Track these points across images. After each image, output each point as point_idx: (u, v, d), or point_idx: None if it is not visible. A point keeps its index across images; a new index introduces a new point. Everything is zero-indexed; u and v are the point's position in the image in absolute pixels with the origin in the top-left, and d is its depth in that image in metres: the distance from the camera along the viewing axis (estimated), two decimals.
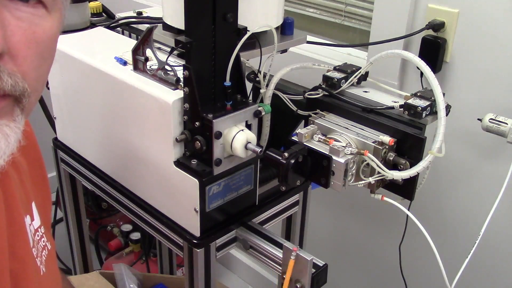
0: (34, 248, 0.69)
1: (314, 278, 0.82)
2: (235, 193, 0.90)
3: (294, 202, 1.06)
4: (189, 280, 0.93)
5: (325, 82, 0.93)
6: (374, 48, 1.24)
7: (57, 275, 0.79)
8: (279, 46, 0.95)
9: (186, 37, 0.78)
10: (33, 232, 0.71)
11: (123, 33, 1.15)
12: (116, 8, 1.29)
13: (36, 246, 0.71)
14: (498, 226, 1.19)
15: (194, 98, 0.79)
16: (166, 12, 0.98)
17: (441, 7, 1.14)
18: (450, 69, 1.18)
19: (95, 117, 1.02)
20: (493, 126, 1.01)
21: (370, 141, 0.83)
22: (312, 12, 1.52)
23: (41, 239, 0.73)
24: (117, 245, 1.93)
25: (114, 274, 1.52)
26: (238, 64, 0.84)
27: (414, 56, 0.85)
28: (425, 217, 0.90)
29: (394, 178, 0.81)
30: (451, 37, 1.15)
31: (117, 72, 0.92)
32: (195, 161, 0.83)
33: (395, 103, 0.87)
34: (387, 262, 1.47)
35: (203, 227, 0.87)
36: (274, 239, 0.91)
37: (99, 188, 1.09)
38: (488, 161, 1.20)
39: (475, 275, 1.30)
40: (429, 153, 0.80)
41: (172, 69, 0.85)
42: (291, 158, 0.79)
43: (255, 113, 0.84)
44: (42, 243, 0.73)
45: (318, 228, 1.62)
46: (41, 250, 0.72)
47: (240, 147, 0.80)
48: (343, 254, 1.64)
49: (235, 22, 0.82)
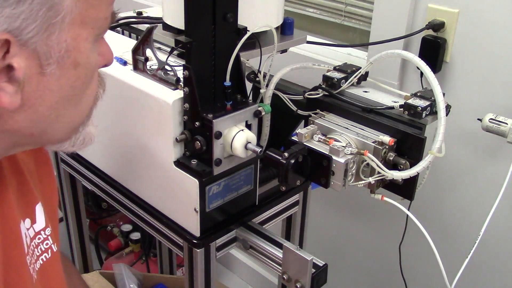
0: (28, 256, 0.69)
1: (314, 278, 0.82)
2: (235, 193, 0.90)
3: (294, 202, 1.06)
4: (189, 280, 0.93)
5: (325, 82, 0.93)
6: (374, 48, 1.24)
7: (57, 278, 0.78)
8: (279, 46, 0.95)
9: (186, 37, 0.78)
10: (32, 236, 0.70)
11: (123, 33, 1.15)
12: (116, 8, 1.28)
13: (31, 252, 0.70)
14: (498, 226, 1.19)
15: (194, 98, 0.79)
16: (166, 12, 0.98)
17: (441, 7, 1.14)
18: (450, 69, 1.18)
19: (95, 117, 1.01)
20: (493, 126, 1.01)
21: (370, 141, 0.83)
22: (312, 12, 1.52)
23: (43, 242, 0.73)
24: (117, 245, 1.93)
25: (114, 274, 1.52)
26: (238, 64, 0.84)
27: (414, 56, 0.85)
28: (425, 217, 0.90)
29: (394, 178, 0.81)
30: (451, 37, 1.15)
31: (117, 72, 0.92)
32: (195, 161, 0.83)
33: (395, 103, 0.87)
34: (387, 262, 1.46)
35: (203, 227, 0.87)
36: (274, 239, 0.91)
37: (99, 188, 1.09)
38: (488, 161, 1.20)
39: (475, 275, 1.30)
40: (429, 153, 0.80)
41: (172, 69, 0.85)
42: (291, 158, 0.79)
43: (255, 113, 0.84)
44: (43, 246, 0.73)
45: (318, 228, 1.62)
46: (37, 255, 0.71)
47: (240, 147, 0.80)
48: (343, 254, 1.64)
49: (235, 22, 0.82)
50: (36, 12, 0.49)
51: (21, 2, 0.47)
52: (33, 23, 0.49)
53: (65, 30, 0.51)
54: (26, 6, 0.48)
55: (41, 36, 0.50)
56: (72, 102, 0.57)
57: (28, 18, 0.48)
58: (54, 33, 0.51)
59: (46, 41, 0.50)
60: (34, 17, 0.49)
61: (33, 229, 0.71)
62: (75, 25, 0.52)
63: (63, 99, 0.55)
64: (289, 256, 0.84)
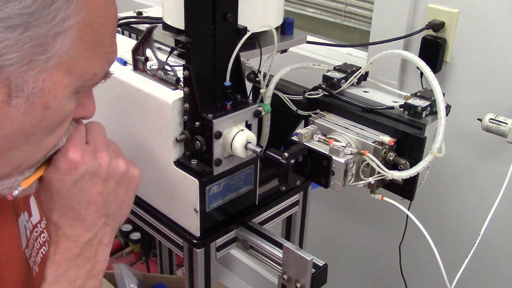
0: (27, 249, 0.69)
1: (314, 278, 0.82)
2: (235, 193, 0.90)
3: (294, 202, 1.06)
4: (189, 280, 0.93)
5: (325, 82, 0.93)
6: (374, 48, 1.24)
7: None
8: (279, 46, 0.95)
9: (186, 37, 0.78)
10: (31, 230, 0.71)
11: (123, 33, 1.15)
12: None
13: (31, 245, 0.70)
14: (498, 226, 1.19)
15: (194, 98, 0.79)
16: (166, 12, 0.98)
17: (441, 7, 1.14)
18: (450, 69, 1.18)
19: (95, 117, 1.01)
20: (493, 126, 1.01)
21: (370, 141, 0.83)
22: (312, 12, 1.52)
23: (41, 235, 0.73)
24: (117, 245, 1.93)
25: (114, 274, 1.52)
26: (238, 64, 0.84)
27: (414, 56, 0.85)
28: (425, 217, 0.90)
29: (394, 178, 0.81)
30: (451, 37, 1.15)
31: (117, 72, 0.91)
32: (195, 161, 0.83)
33: (395, 103, 0.87)
34: (387, 262, 1.47)
35: (203, 227, 0.87)
36: (274, 239, 0.91)
37: None
38: (488, 161, 1.20)
39: (475, 275, 1.30)
40: (429, 153, 0.80)
41: (172, 69, 0.85)
42: (291, 158, 0.79)
43: (255, 113, 0.84)
44: (41, 239, 0.73)
45: (318, 228, 1.62)
46: (37, 248, 0.72)
47: (240, 147, 0.80)
48: (343, 254, 1.64)
49: (235, 22, 0.82)
50: (22, 43, 0.48)
51: (10, 29, 0.47)
52: (15, 53, 0.48)
53: (47, 70, 0.50)
54: (14, 35, 0.47)
55: (20, 67, 0.48)
56: (30, 140, 0.54)
57: (12, 46, 0.47)
58: (33, 69, 0.49)
59: (23, 74, 0.49)
60: (19, 47, 0.48)
61: (31, 222, 0.71)
62: (60, 70, 0.51)
63: (21, 134, 0.53)
64: (289, 256, 0.84)
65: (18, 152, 0.55)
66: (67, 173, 0.60)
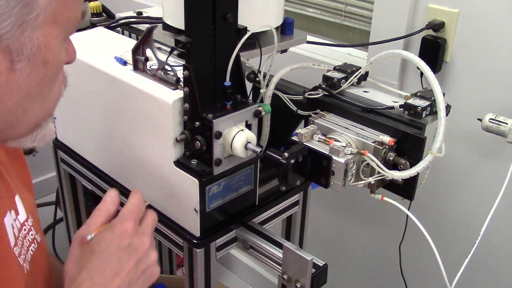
0: (16, 247, 0.69)
1: (314, 278, 0.82)
2: (235, 193, 0.90)
3: (294, 202, 1.06)
4: (189, 280, 0.93)
5: (325, 82, 0.93)
6: (374, 48, 1.24)
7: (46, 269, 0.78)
8: (279, 46, 0.95)
9: (186, 37, 0.78)
10: (19, 228, 0.71)
11: (123, 33, 1.15)
12: (116, 8, 1.29)
13: (20, 244, 0.70)
14: (498, 226, 1.19)
15: (194, 98, 0.79)
16: (166, 12, 0.98)
17: (441, 7, 1.14)
18: (450, 69, 1.18)
19: (95, 117, 1.02)
20: (493, 126, 1.01)
21: (370, 141, 0.83)
22: (312, 12, 1.52)
23: (29, 233, 0.73)
24: None
25: None
26: (238, 64, 0.84)
27: (414, 56, 0.85)
28: (425, 217, 0.90)
29: (394, 178, 0.81)
30: (451, 37, 1.15)
31: (117, 72, 0.92)
32: (195, 161, 0.83)
33: (395, 103, 0.87)
34: (387, 262, 1.46)
35: (203, 227, 0.87)
36: (274, 239, 0.91)
37: (99, 188, 1.09)
38: (488, 161, 1.20)
39: (475, 275, 1.30)
40: (429, 153, 0.80)
41: (172, 69, 0.85)
42: (291, 158, 0.79)
43: (255, 113, 0.84)
44: (29, 237, 0.73)
45: (318, 228, 1.62)
46: (27, 246, 0.72)
47: (240, 147, 0.80)
48: (343, 254, 1.64)
49: (235, 22, 0.82)
50: (12, 8, 0.49)
51: None
52: (8, 19, 0.49)
53: (38, 27, 0.52)
54: (3, 2, 0.49)
55: (15, 32, 0.50)
56: (39, 99, 0.58)
57: (3, 14, 0.49)
58: (27, 30, 0.51)
59: (19, 37, 0.51)
60: (9, 13, 0.49)
61: (18, 220, 0.71)
62: (48, 23, 0.53)
63: (30, 95, 0.56)
64: (289, 256, 0.84)
65: (32, 113, 0.58)
66: (118, 237, 0.67)
